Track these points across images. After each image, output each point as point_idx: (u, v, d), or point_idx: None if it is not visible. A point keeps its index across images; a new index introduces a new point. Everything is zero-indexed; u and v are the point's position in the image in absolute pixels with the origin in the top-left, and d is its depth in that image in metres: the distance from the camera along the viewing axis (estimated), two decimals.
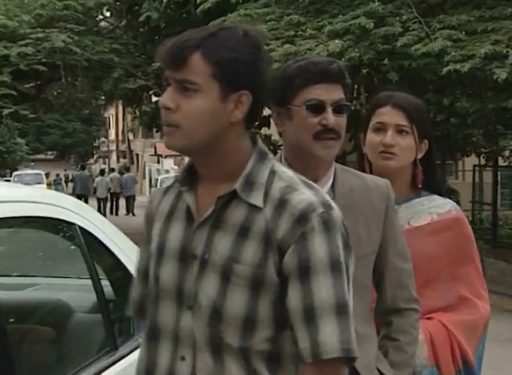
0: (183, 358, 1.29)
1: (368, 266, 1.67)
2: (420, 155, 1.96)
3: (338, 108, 1.61)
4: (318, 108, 1.60)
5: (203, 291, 1.28)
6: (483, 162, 13.89)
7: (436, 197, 1.99)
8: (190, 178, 1.34)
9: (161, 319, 1.32)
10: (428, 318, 1.90)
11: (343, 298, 1.22)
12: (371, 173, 1.92)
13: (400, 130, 1.92)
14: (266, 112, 1.57)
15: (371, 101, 2.08)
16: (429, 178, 1.99)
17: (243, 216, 1.27)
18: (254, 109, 1.30)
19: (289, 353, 1.27)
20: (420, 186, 1.97)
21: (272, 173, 1.30)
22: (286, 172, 1.31)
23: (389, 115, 1.92)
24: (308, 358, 1.22)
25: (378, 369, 1.65)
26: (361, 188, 1.69)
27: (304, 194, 1.26)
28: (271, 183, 1.30)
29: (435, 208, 1.96)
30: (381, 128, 1.93)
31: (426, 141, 1.97)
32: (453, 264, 1.94)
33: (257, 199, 1.27)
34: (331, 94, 1.60)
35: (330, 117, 1.59)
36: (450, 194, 13.67)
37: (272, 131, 18.46)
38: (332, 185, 1.67)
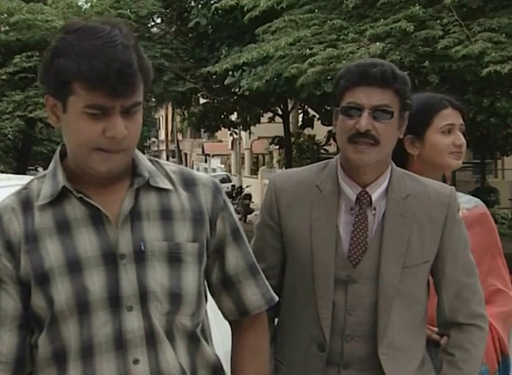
0: (136, 362, 1.24)
1: (419, 277, 1.60)
2: None
3: (378, 114, 1.54)
4: (354, 111, 1.54)
5: (154, 281, 1.25)
6: None
7: (461, 193, 2.00)
8: (56, 188, 1.27)
9: (94, 334, 1.24)
10: None
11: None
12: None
13: (461, 130, 1.98)
14: (311, 112, 1.66)
15: (426, 104, 1.98)
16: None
17: (157, 201, 1.30)
18: None
19: (205, 320, 1.35)
20: (450, 182, 2.03)
21: (151, 160, 1.36)
22: (156, 158, 1.38)
23: (455, 116, 1.96)
24: (264, 306, 1.38)
25: None
26: (420, 195, 1.61)
27: (195, 171, 1.38)
28: (162, 169, 1.35)
29: (463, 203, 1.96)
30: (451, 129, 1.96)
31: None
32: (485, 257, 1.96)
33: (165, 183, 1.31)
34: (370, 98, 1.53)
35: (362, 121, 1.52)
36: (490, 192, 13.66)
37: (316, 131, 18.55)
38: (387, 190, 1.59)
